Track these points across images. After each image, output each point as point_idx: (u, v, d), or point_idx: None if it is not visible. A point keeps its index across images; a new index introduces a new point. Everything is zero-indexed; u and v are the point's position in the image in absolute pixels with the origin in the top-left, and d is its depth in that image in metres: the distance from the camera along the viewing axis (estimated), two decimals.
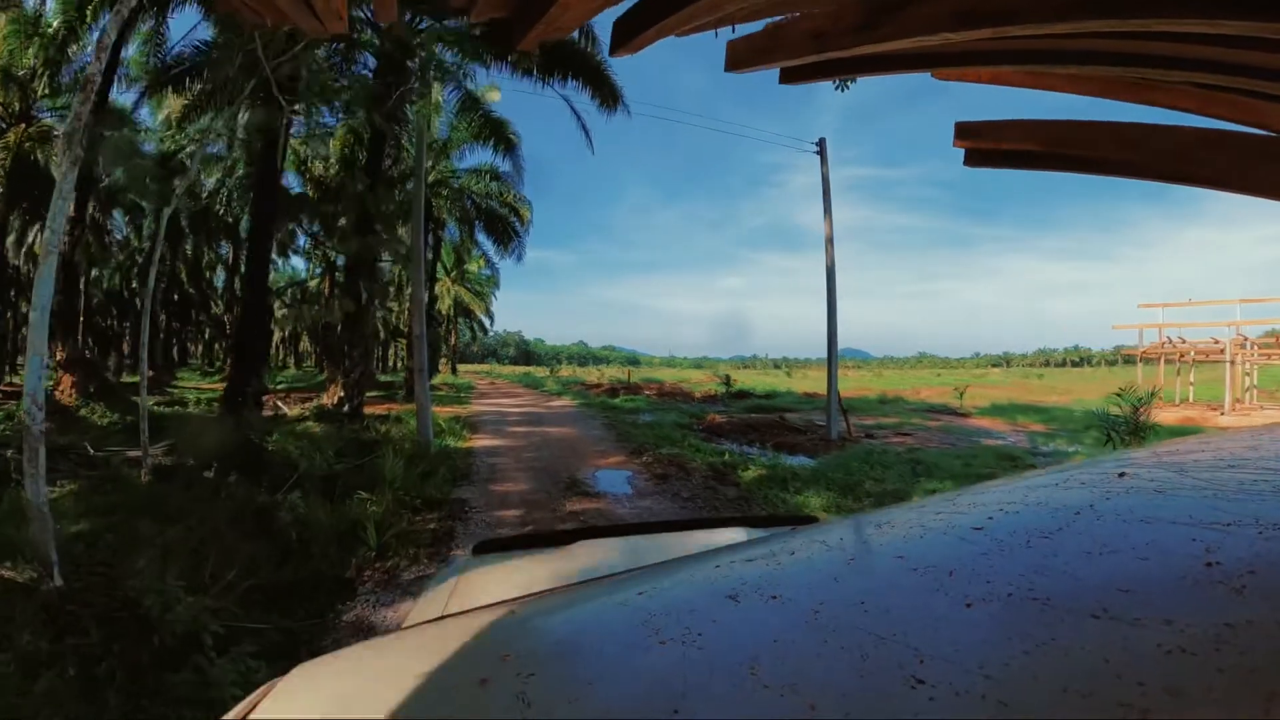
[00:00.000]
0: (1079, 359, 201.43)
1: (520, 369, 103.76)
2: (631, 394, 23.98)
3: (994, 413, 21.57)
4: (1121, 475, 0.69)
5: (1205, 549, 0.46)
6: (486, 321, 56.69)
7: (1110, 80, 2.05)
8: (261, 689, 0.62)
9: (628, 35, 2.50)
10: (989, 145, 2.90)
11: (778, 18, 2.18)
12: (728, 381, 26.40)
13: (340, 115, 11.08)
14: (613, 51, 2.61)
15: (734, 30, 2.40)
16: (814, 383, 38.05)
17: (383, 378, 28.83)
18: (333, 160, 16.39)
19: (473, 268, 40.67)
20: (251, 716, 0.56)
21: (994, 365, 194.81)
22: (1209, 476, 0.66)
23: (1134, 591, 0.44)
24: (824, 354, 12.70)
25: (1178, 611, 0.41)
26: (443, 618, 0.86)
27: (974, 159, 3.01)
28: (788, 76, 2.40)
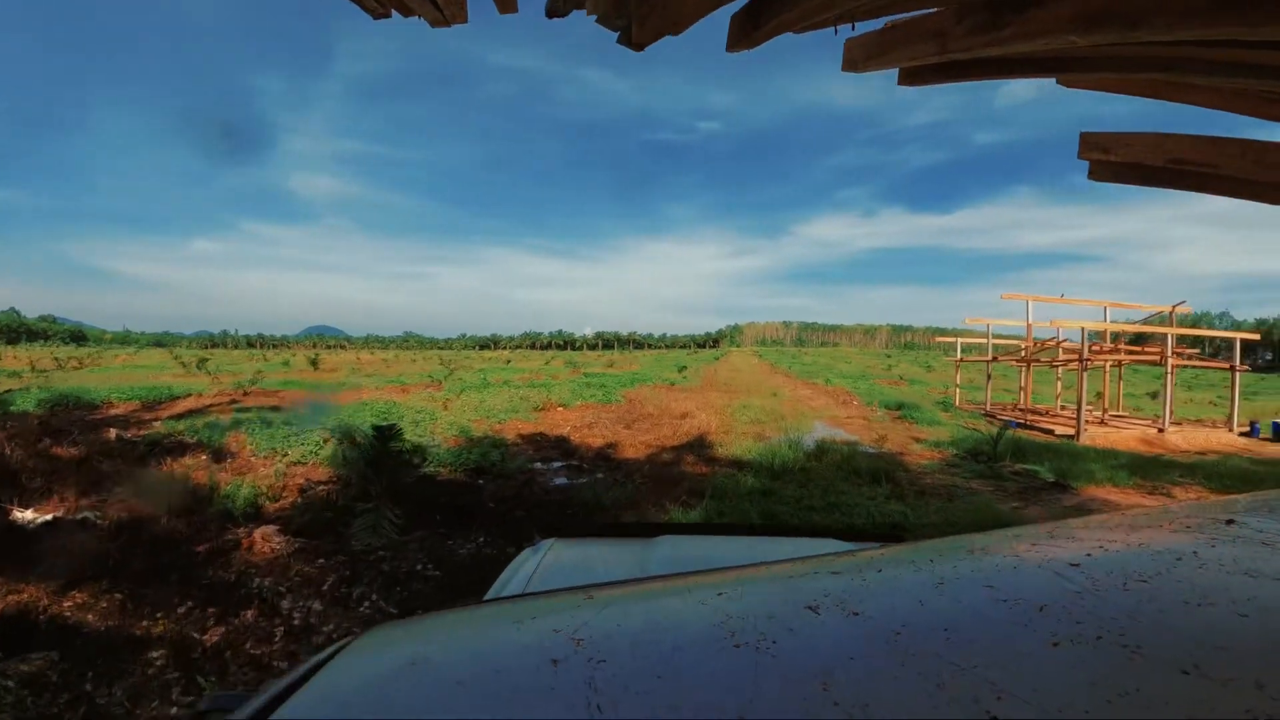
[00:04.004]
0: (564, 342, 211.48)
1: None
2: None
3: None
4: (1229, 522, 0.68)
5: None
6: None
7: (1245, 93, 1.99)
8: (336, 645, 0.65)
9: (746, 31, 2.59)
10: (1116, 159, 2.80)
11: (898, 15, 2.24)
12: None
13: None
14: (730, 47, 2.69)
15: (854, 28, 2.47)
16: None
17: None
18: None
19: None
20: (324, 672, 0.58)
21: (482, 347, 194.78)
22: None
23: (1229, 649, 0.43)
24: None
25: (1272, 676, 0.39)
26: (523, 595, 0.89)
27: (1099, 172, 2.91)
28: (907, 78, 2.44)
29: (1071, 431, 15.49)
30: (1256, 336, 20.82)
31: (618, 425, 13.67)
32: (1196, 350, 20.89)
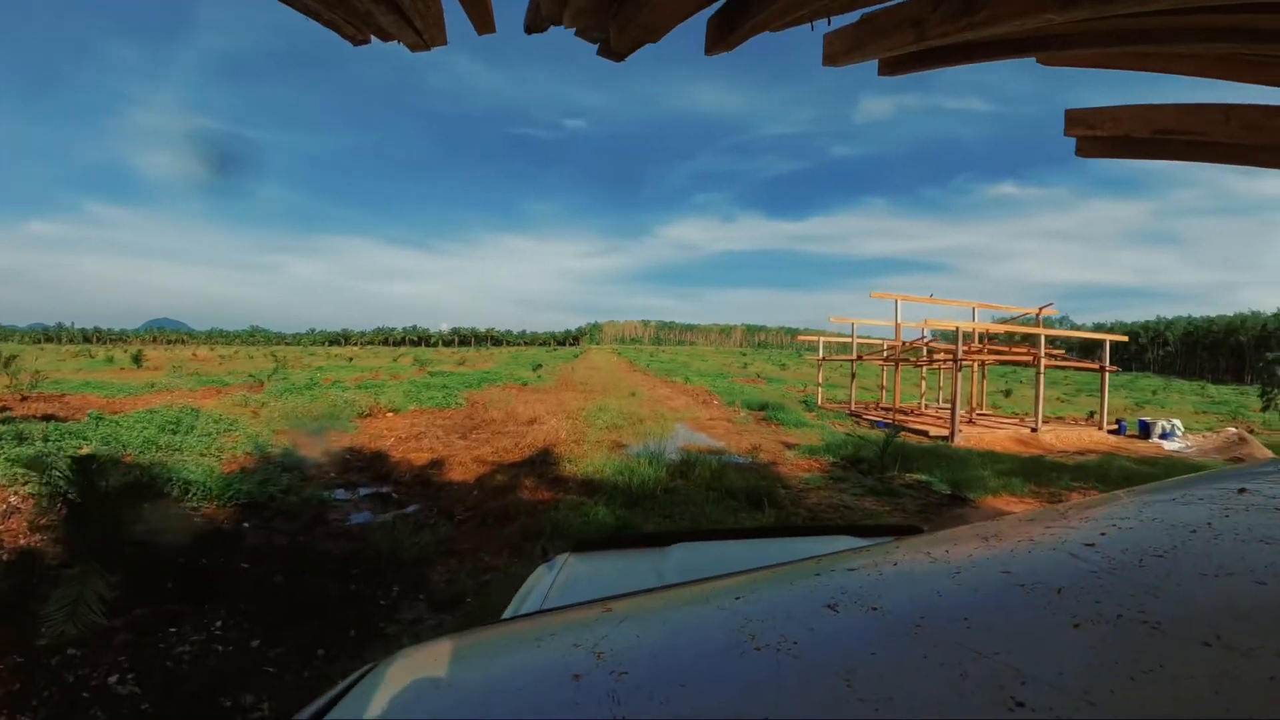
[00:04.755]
0: (418, 338, 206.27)
1: None
2: None
3: None
4: (1242, 491, 0.68)
5: None
6: None
7: (1225, 58, 2.00)
8: (362, 670, 0.65)
9: (723, 34, 2.61)
10: (1103, 134, 2.80)
11: (874, 7, 2.25)
12: None
13: None
14: (708, 50, 2.71)
15: (829, 23, 2.48)
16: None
17: None
18: None
19: None
20: (345, 700, 0.58)
21: (332, 343, 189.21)
22: None
23: (1250, 618, 0.43)
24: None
25: None
26: (541, 612, 0.89)
27: (1086, 148, 2.90)
28: (887, 68, 2.44)
29: (945, 432, 15.22)
30: (1125, 339, 21.67)
31: (452, 435, 11.81)
32: (1063, 350, 21.45)
